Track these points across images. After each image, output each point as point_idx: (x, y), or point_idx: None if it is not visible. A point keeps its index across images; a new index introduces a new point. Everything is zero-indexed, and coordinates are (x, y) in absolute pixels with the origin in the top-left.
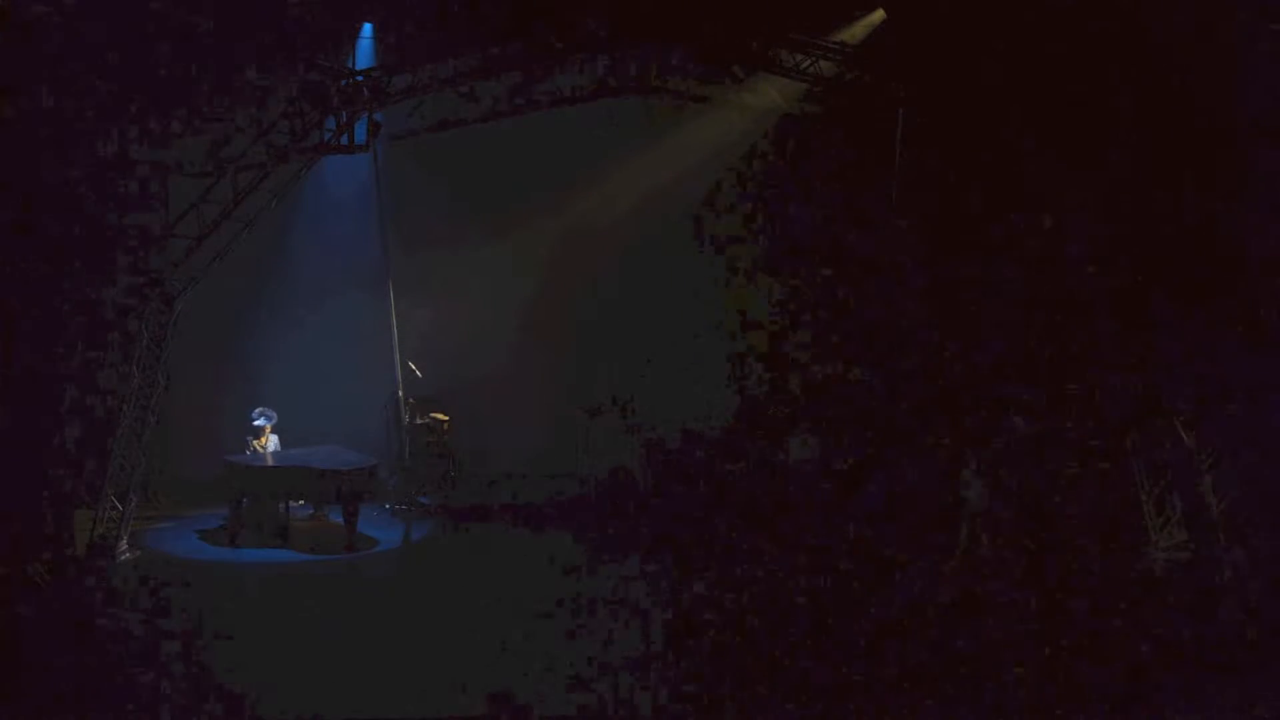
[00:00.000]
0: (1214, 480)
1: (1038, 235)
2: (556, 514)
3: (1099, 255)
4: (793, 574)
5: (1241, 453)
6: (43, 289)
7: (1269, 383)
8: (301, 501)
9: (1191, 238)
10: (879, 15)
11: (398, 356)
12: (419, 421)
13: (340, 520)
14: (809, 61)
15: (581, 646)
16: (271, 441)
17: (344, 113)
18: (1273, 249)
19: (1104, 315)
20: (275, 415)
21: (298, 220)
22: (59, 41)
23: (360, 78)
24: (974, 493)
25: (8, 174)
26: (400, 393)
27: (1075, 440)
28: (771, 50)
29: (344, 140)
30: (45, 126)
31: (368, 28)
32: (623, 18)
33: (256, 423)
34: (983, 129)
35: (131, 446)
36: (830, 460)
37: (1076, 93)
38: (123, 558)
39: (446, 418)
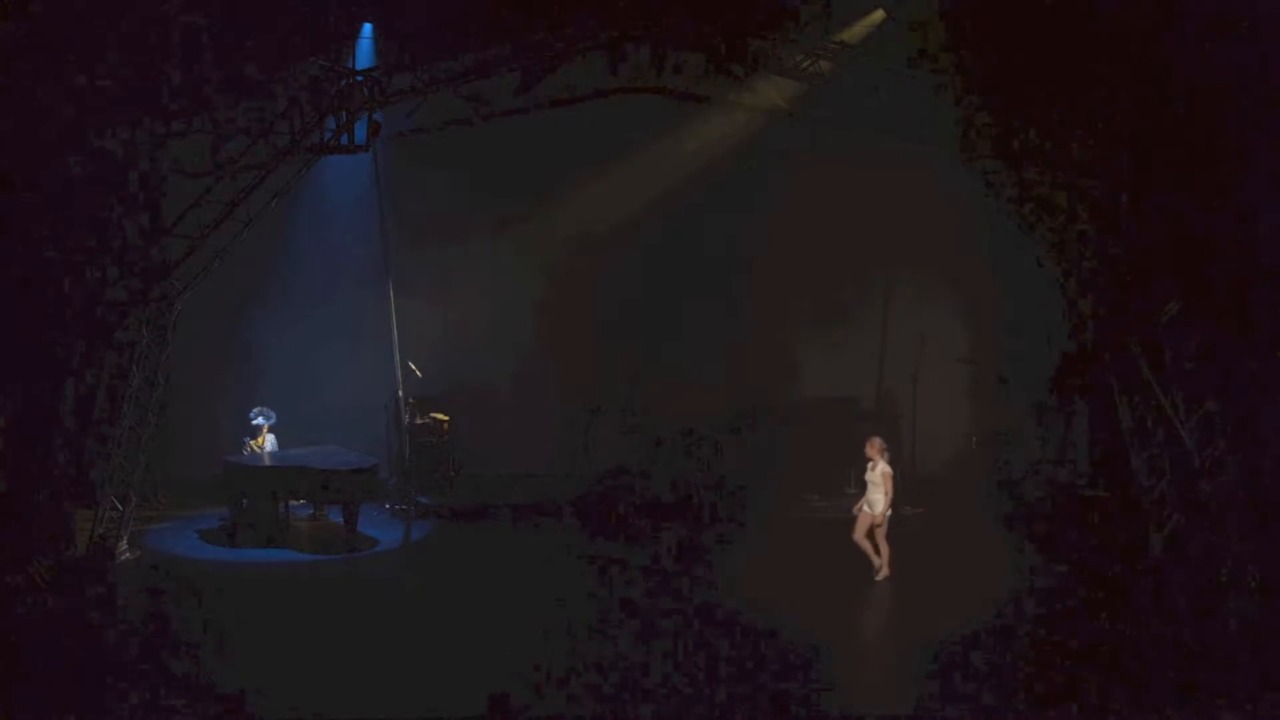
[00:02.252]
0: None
1: None
2: (557, 514)
3: None
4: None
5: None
6: (43, 289)
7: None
8: (301, 501)
9: None
10: (879, 15)
11: (398, 356)
12: (419, 421)
13: (340, 520)
14: (809, 61)
15: (582, 646)
16: (269, 442)
17: (344, 113)
18: None
19: None
20: (274, 415)
21: (298, 220)
22: (59, 41)
23: (360, 78)
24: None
25: (7, 174)
26: (400, 393)
27: None
28: (771, 50)
29: (344, 140)
30: (45, 126)
31: (368, 28)
32: (622, 18)
33: (255, 422)
34: None
35: (131, 446)
36: None
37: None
38: (123, 558)
39: (446, 418)
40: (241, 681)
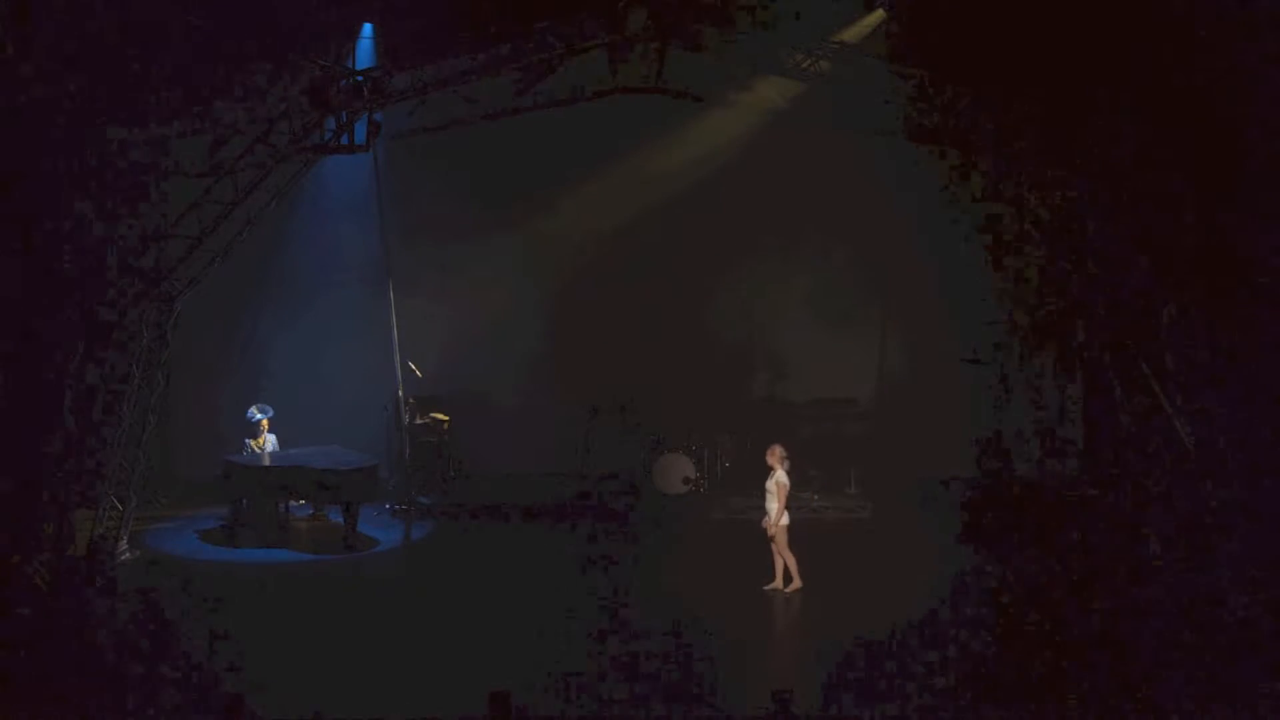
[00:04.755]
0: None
1: None
2: (557, 514)
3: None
4: None
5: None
6: (42, 289)
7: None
8: (301, 501)
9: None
10: (879, 15)
11: (398, 356)
12: (419, 421)
13: (340, 520)
14: (809, 61)
15: (582, 646)
16: (269, 441)
17: (344, 113)
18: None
19: None
20: (270, 409)
21: (298, 220)
22: (58, 41)
23: (360, 78)
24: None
25: (7, 174)
26: (400, 393)
27: None
28: (771, 50)
29: (344, 140)
30: (45, 126)
31: (368, 28)
32: (621, 18)
33: (254, 419)
34: None
35: (131, 446)
36: None
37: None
38: (123, 558)
39: (446, 418)
40: (241, 681)
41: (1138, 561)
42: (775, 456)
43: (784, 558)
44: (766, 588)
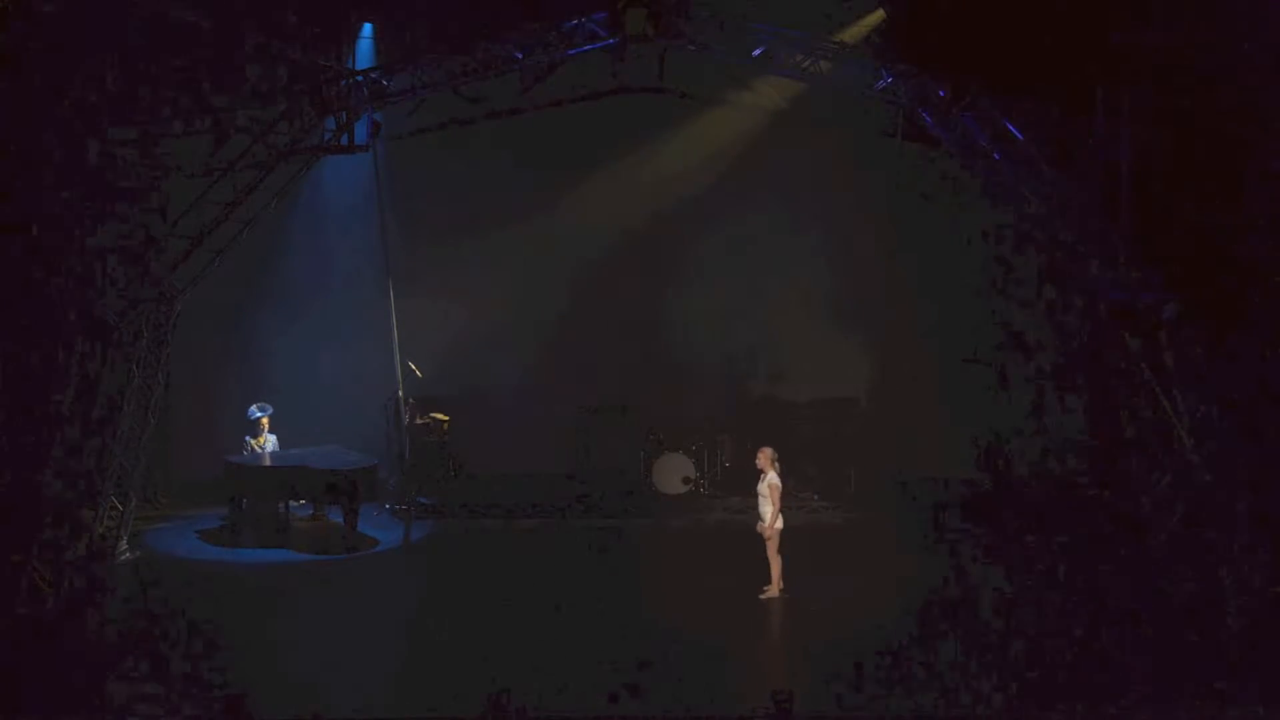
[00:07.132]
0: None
1: None
2: (557, 514)
3: None
4: None
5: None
6: (42, 289)
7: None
8: (301, 501)
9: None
10: (879, 15)
11: (398, 356)
12: (419, 421)
13: (340, 520)
14: (809, 61)
15: (581, 646)
16: (270, 441)
17: (344, 113)
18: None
19: None
20: (270, 407)
21: (298, 220)
22: (59, 41)
23: (360, 78)
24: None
25: (7, 174)
26: (400, 393)
27: None
28: (771, 50)
29: (344, 140)
30: (45, 126)
31: (368, 28)
32: (621, 18)
33: (254, 417)
34: None
35: (131, 446)
36: None
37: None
38: (123, 558)
39: (446, 418)
40: (241, 681)
41: (1137, 562)
42: (766, 459)
43: (773, 561)
44: (766, 588)
